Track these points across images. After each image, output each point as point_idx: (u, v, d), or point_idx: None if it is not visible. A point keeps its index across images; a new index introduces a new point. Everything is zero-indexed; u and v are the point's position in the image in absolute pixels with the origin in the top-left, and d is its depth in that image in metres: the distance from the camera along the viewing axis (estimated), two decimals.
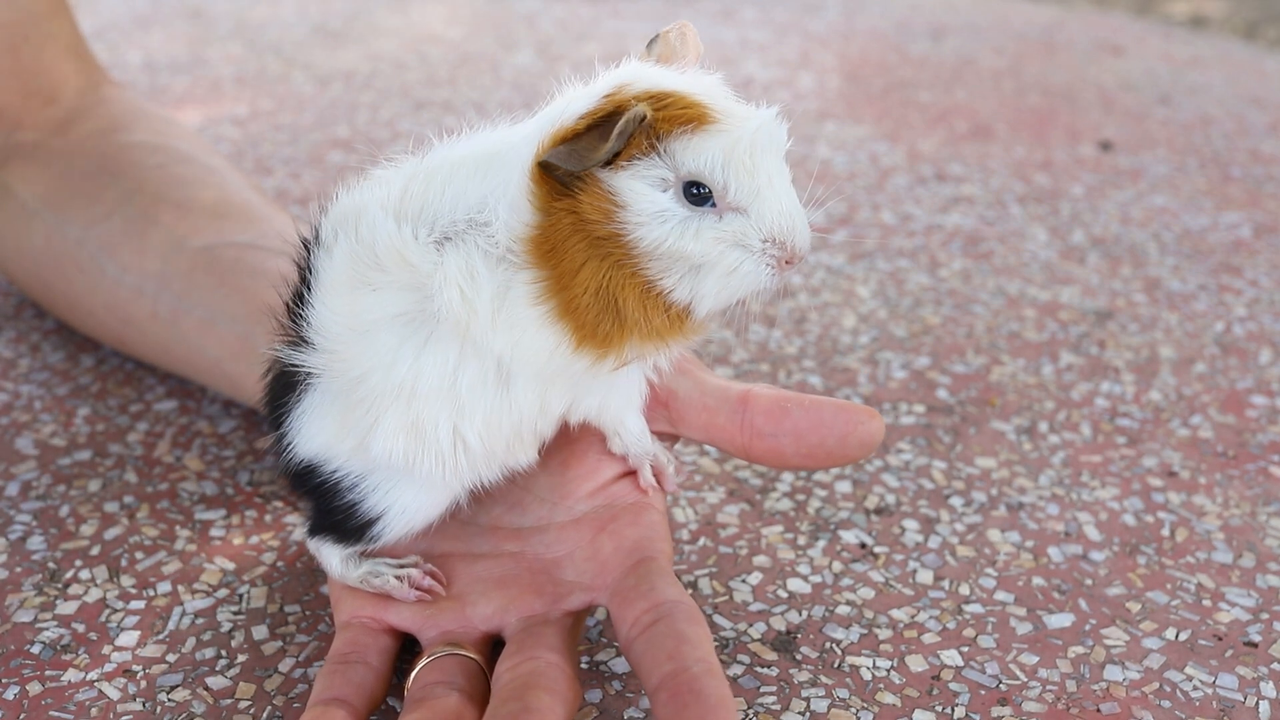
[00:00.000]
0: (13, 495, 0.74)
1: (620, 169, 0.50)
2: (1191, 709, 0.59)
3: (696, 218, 0.51)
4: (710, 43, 1.84)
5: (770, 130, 0.51)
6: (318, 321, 0.54)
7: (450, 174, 0.54)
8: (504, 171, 0.52)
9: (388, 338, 0.53)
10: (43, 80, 0.89)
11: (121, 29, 1.86)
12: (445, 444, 0.54)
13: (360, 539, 0.59)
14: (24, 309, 0.97)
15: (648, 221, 0.50)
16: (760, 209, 0.51)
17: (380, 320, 0.53)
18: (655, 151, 0.50)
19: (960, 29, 1.97)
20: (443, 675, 0.55)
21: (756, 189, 0.50)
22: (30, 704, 0.58)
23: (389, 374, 0.53)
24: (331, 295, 0.54)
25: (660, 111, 0.50)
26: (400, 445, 0.54)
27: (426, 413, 0.54)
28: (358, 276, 0.53)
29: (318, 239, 0.55)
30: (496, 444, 0.55)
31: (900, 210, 1.21)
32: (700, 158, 0.50)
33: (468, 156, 0.54)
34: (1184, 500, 0.76)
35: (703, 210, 0.51)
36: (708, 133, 0.50)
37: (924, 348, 0.94)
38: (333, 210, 0.56)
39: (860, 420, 0.57)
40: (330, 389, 0.56)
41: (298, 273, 0.56)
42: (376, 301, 0.53)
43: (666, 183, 0.50)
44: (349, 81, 1.61)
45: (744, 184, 0.50)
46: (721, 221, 0.51)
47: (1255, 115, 1.55)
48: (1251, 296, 1.05)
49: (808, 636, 0.63)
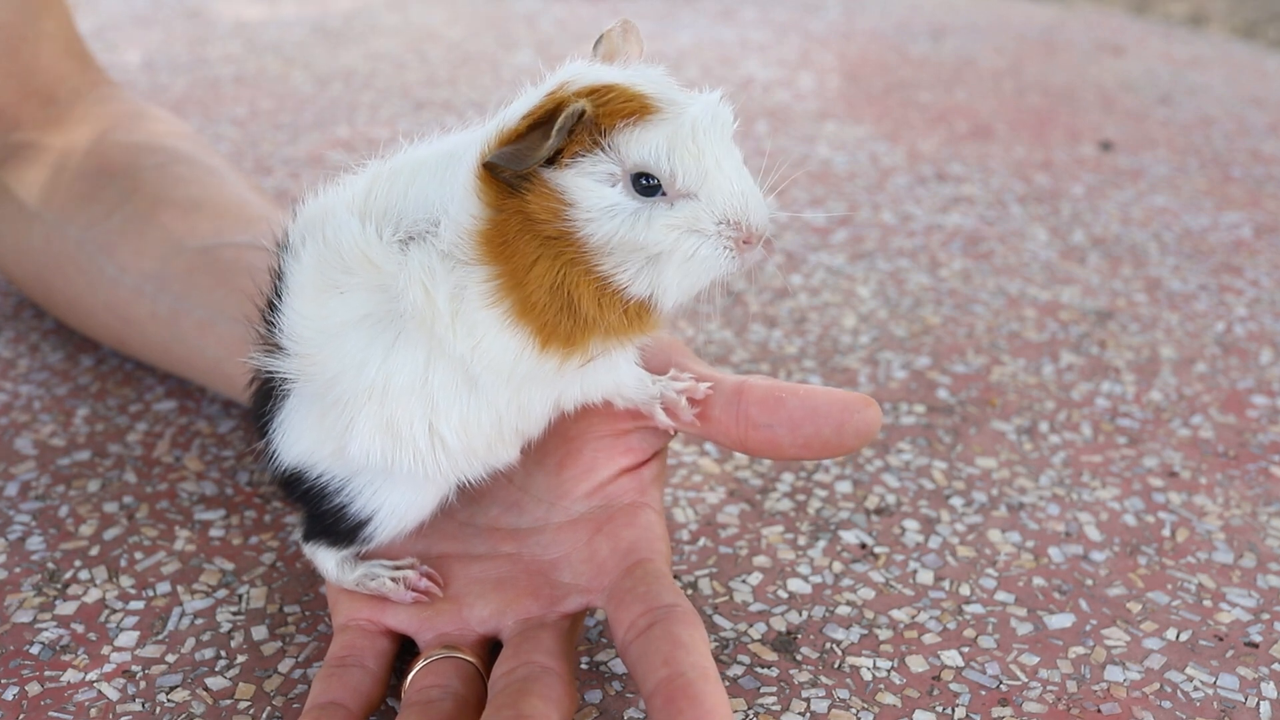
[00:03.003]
0: (12, 495, 0.74)
1: (565, 166, 0.50)
2: (1192, 709, 0.59)
3: (647, 208, 0.50)
4: (710, 43, 1.84)
5: (714, 113, 0.51)
6: (288, 326, 0.54)
7: (413, 174, 0.53)
8: (455, 171, 0.52)
9: (357, 338, 0.53)
10: (41, 80, 0.89)
11: (121, 29, 1.86)
12: (422, 442, 0.54)
13: (354, 541, 0.59)
14: (23, 309, 0.97)
15: (597, 217, 0.50)
16: (710, 192, 0.50)
17: (349, 321, 0.53)
18: (599, 147, 0.50)
19: (960, 29, 1.97)
20: (439, 678, 0.55)
21: (704, 172, 0.50)
22: (29, 704, 0.58)
23: (360, 374, 0.53)
24: (300, 299, 0.54)
25: (602, 106, 0.50)
26: (377, 445, 0.54)
27: (400, 412, 0.53)
28: (325, 279, 0.53)
29: (287, 244, 0.55)
30: (476, 442, 0.55)
31: (900, 210, 1.21)
32: (644, 148, 0.49)
33: (430, 157, 0.54)
34: (1185, 500, 0.76)
35: (653, 200, 0.50)
36: (650, 122, 0.49)
37: (924, 348, 0.94)
38: (301, 214, 0.56)
39: (856, 409, 0.57)
40: (307, 394, 0.56)
41: (270, 279, 0.56)
42: (344, 303, 0.53)
43: (614, 177, 0.50)
44: (349, 81, 1.60)
45: (690, 168, 0.50)
46: (673, 209, 0.50)
47: (1255, 115, 1.55)
48: (1252, 296, 1.05)
49: (808, 637, 0.63)
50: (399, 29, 1.91)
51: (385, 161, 0.55)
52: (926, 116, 1.51)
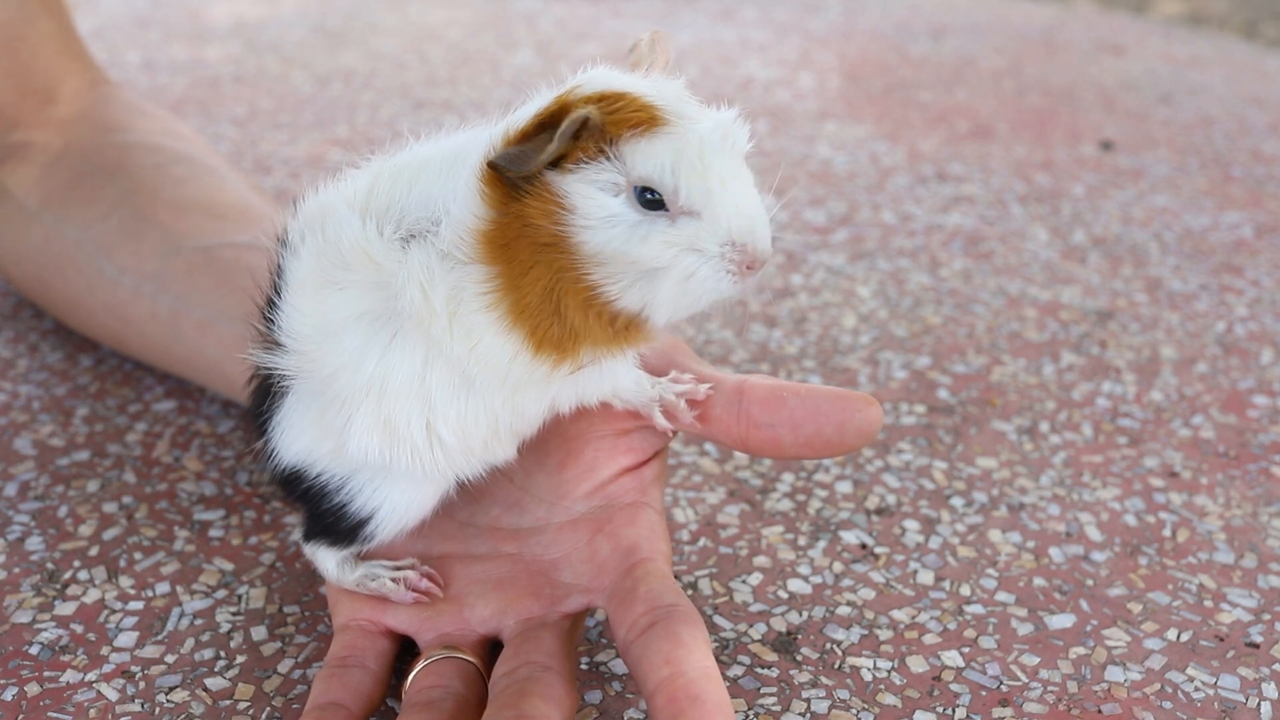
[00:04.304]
0: (11, 495, 0.74)
1: (569, 171, 0.49)
2: (1193, 710, 0.59)
3: (647, 223, 0.49)
4: (710, 42, 1.84)
5: (724, 131, 0.49)
6: (287, 323, 0.54)
7: (417, 172, 0.53)
8: (461, 170, 0.52)
9: (354, 335, 0.53)
10: (39, 80, 0.89)
11: (121, 29, 1.86)
12: (419, 440, 0.54)
13: (354, 540, 0.59)
14: (22, 309, 0.97)
15: (595, 225, 0.49)
16: (714, 211, 0.49)
17: (347, 318, 0.53)
18: (605, 155, 0.49)
19: (960, 29, 1.97)
20: (440, 679, 0.55)
21: (708, 191, 0.48)
22: (29, 705, 0.58)
23: (357, 371, 0.53)
24: (299, 296, 0.54)
25: (611, 115, 0.49)
26: (375, 443, 0.54)
27: (398, 410, 0.53)
28: (324, 276, 0.53)
29: (287, 241, 0.55)
30: (473, 441, 0.55)
31: (901, 210, 1.21)
32: (649, 161, 0.48)
33: (434, 156, 0.54)
34: (1185, 500, 0.76)
35: (654, 215, 0.49)
36: (657, 135, 0.48)
37: (925, 348, 0.94)
38: (301, 211, 0.55)
39: (857, 408, 0.57)
40: (305, 392, 0.56)
41: (269, 276, 0.56)
42: (343, 300, 0.53)
43: (618, 187, 0.49)
44: (348, 81, 1.60)
45: (694, 186, 0.48)
46: (674, 226, 0.49)
47: (1256, 115, 1.55)
48: (1253, 296, 1.04)
49: (808, 637, 0.63)
50: (399, 29, 1.91)
51: (388, 159, 0.55)
52: (927, 116, 1.51)
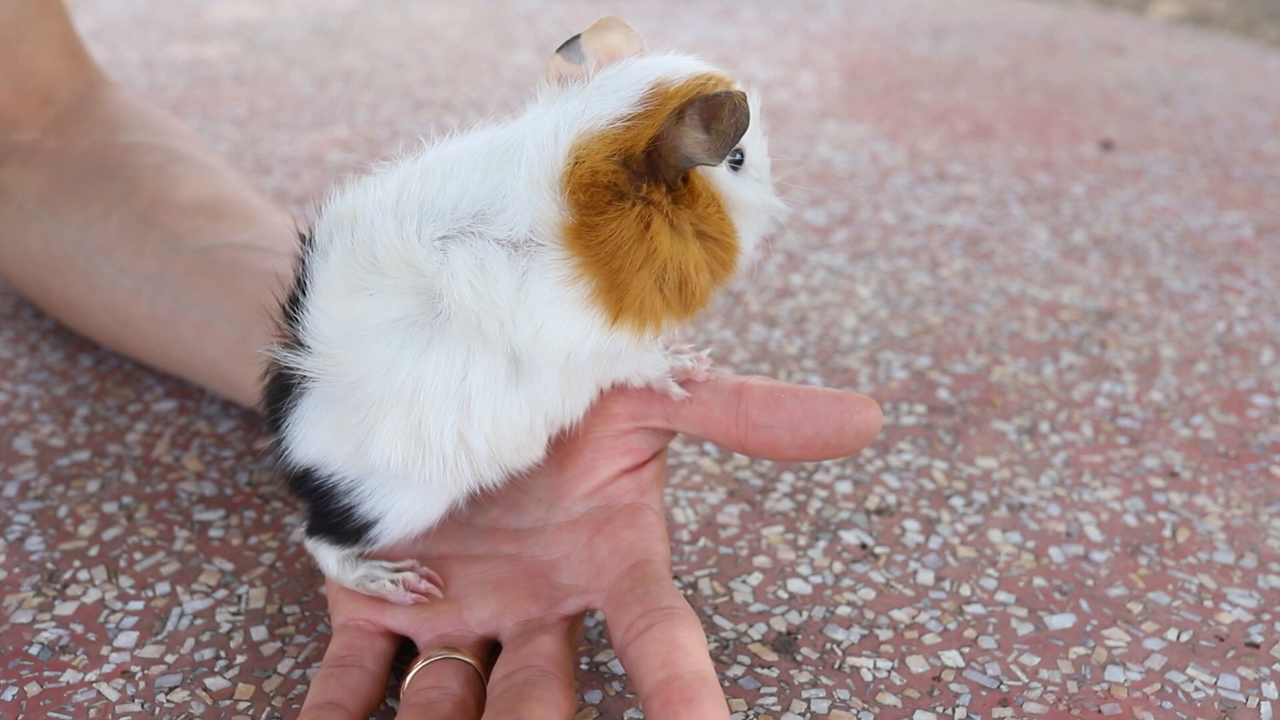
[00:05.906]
0: (11, 495, 0.74)
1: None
2: (1193, 710, 0.59)
3: (743, 178, 0.57)
4: (710, 42, 1.84)
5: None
6: (313, 326, 0.54)
7: (449, 171, 0.53)
8: (520, 165, 0.52)
9: (386, 342, 0.53)
10: (39, 80, 0.89)
11: (121, 29, 1.86)
12: (449, 448, 0.54)
13: (357, 541, 0.59)
14: (22, 309, 0.97)
15: (732, 188, 0.56)
16: (757, 159, 0.58)
17: (379, 325, 0.53)
18: None
19: (961, 29, 1.97)
20: (438, 680, 0.55)
21: (752, 144, 0.58)
22: (29, 705, 0.58)
23: (386, 379, 0.53)
24: (327, 299, 0.53)
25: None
26: (399, 451, 0.54)
27: (429, 417, 0.53)
28: (355, 280, 0.53)
29: (313, 242, 0.55)
30: (504, 445, 0.55)
31: (901, 210, 1.21)
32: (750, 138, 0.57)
33: (467, 153, 0.54)
34: (1185, 501, 0.76)
35: (740, 170, 0.57)
36: None
37: (925, 348, 0.94)
38: (328, 212, 0.55)
39: (856, 410, 0.57)
40: (327, 393, 0.56)
41: (294, 275, 0.56)
42: (373, 306, 0.52)
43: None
44: (348, 81, 1.60)
45: (751, 143, 0.58)
46: (748, 174, 0.57)
47: (1256, 115, 1.55)
48: (1253, 296, 1.04)
49: (808, 637, 0.63)
50: (399, 28, 1.91)
51: (414, 161, 0.55)
52: (927, 116, 1.51)
